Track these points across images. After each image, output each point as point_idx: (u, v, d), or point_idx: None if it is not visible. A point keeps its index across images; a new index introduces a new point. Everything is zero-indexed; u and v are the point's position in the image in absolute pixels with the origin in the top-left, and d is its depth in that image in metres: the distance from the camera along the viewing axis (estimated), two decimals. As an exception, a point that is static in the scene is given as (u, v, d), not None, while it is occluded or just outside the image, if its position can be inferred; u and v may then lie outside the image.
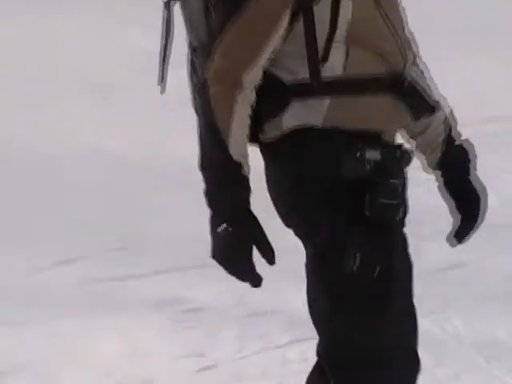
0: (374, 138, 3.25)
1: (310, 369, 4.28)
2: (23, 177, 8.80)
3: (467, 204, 3.33)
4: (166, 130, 10.24)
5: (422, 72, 3.38)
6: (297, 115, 3.23)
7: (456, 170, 3.37)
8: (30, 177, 8.82)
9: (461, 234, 3.27)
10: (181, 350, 5.36)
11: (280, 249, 3.86)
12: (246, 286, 4.97)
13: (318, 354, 3.24)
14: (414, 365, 3.26)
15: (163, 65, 3.51)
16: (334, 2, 3.15)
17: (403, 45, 3.31)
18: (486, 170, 3.62)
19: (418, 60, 3.39)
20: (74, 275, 6.45)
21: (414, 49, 3.37)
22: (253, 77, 3.14)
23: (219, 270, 4.67)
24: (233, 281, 4.53)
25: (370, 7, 3.22)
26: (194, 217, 5.80)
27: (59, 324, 5.70)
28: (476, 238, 3.29)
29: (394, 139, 3.37)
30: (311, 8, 3.16)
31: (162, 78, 3.50)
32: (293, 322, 5.70)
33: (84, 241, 7.11)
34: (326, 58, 3.22)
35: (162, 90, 3.50)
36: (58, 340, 5.54)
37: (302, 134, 3.26)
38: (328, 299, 3.19)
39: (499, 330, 5.88)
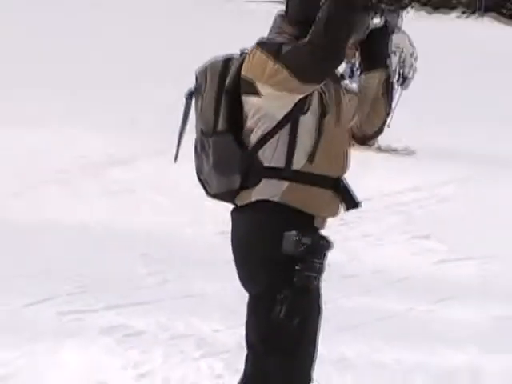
0: (309, 221, 4.15)
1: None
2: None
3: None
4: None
5: None
6: (263, 191, 4.08)
7: None
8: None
9: None
10: (123, 363, 6.03)
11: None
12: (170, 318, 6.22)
13: (246, 367, 4.25)
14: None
15: (179, 141, 4.40)
16: (320, 117, 4.08)
17: (347, 158, 4.29)
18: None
19: None
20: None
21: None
22: None
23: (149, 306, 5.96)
24: (160, 311, 5.82)
25: (334, 128, 4.15)
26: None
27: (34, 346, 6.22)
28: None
29: (323, 226, 4.26)
30: (297, 119, 4.06)
31: (177, 151, 4.39)
32: (205, 342, 6.36)
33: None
34: (312, 159, 4.11)
35: (176, 159, 4.43)
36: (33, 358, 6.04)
37: (262, 205, 4.11)
38: (257, 334, 4.17)
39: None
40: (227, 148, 4.13)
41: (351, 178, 4.38)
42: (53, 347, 6.33)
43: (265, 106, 4.05)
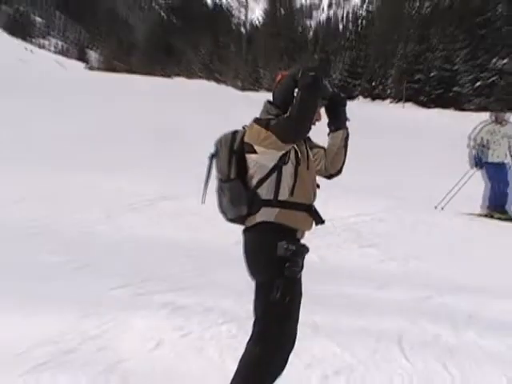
0: (293, 233, 4.29)
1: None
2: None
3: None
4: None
5: None
6: (262, 215, 4.23)
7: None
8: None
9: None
10: (173, 327, 6.08)
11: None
12: (204, 297, 6.15)
13: (254, 330, 4.27)
14: (293, 342, 4.30)
15: (205, 189, 4.48)
16: (295, 169, 4.22)
17: (315, 191, 4.39)
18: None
19: None
20: None
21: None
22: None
23: (190, 289, 5.82)
24: (197, 293, 5.74)
25: (305, 172, 4.29)
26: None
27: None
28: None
29: (302, 237, 4.38)
30: (281, 167, 4.21)
31: (203, 197, 4.45)
32: (226, 313, 6.41)
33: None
34: (292, 193, 4.23)
35: (203, 202, 4.46)
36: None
37: (262, 225, 4.25)
38: (266, 308, 4.20)
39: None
40: (237, 189, 4.29)
41: (320, 206, 4.47)
42: (128, 316, 6.34)
43: (260, 160, 4.23)
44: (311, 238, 4.45)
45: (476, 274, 8.72)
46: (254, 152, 4.23)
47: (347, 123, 4.52)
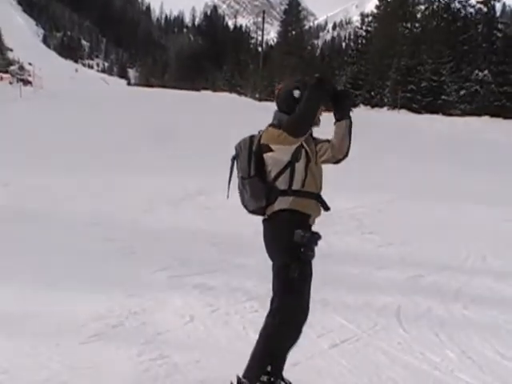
0: (306, 220, 4.26)
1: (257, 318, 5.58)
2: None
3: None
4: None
5: None
6: (280, 203, 4.19)
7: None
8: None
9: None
10: (203, 304, 6.13)
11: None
12: (229, 279, 6.16)
13: (272, 305, 4.25)
14: (306, 315, 4.26)
15: (228, 186, 4.46)
16: (306, 165, 4.20)
17: (321, 182, 4.35)
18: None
19: None
20: None
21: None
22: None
23: (217, 272, 5.86)
24: (224, 275, 5.75)
25: (314, 167, 4.27)
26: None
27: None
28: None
29: (313, 223, 4.34)
30: (294, 164, 4.19)
31: (227, 193, 4.50)
32: (249, 292, 6.47)
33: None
34: (303, 184, 4.20)
35: (227, 197, 4.51)
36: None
37: (280, 213, 4.21)
38: (283, 286, 4.17)
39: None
40: (256, 184, 4.27)
41: (328, 199, 4.43)
42: (166, 296, 6.39)
43: (276, 156, 4.21)
44: (320, 226, 4.44)
45: (459, 255, 8.75)
46: (271, 150, 4.20)
47: (351, 113, 4.43)
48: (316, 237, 4.18)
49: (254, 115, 25.60)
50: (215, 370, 4.69)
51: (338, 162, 4.51)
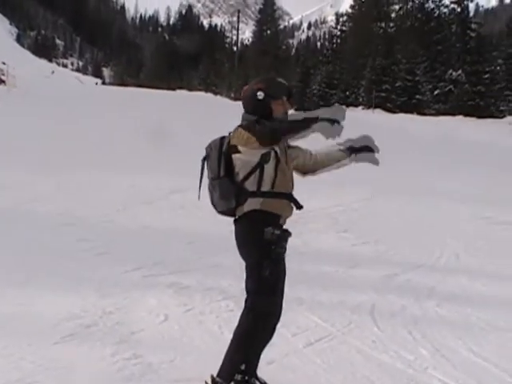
0: (277, 220, 4.23)
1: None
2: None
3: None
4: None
5: None
6: (249, 205, 4.17)
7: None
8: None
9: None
10: (178, 303, 6.16)
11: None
12: (204, 278, 6.12)
13: (246, 304, 4.25)
14: (279, 312, 4.28)
15: (200, 186, 4.41)
16: (276, 166, 4.20)
17: (293, 181, 4.33)
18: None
19: None
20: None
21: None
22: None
23: (192, 272, 5.85)
24: (198, 274, 5.74)
25: (284, 167, 4.25)
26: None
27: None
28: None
29: (284, 223, 4.32)
30: (263, 165, 4.17)
31: (199, 193, 4.42)
32: (224, 291, 6.47)
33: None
34: (273, 185, 4.18)
35: (199, 198, 4.43)
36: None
37: (251, 213, 4.19)
38: (256, 284, 4.17)
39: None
40: (226, 185, 4.25)
41: (304, 198, 4.45)
42: (140, 295, 6.38)
43: (244, 158, 4.20)
44: (295, 225, 4.45)
45: (433, 253, 8.78)
46: (239, 152, 4.20)
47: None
48: (286, 234, 4.20)
49: (228, 114, 25.56)
50: (190, 370, 4.67)
51: (303, 175, 4.59)
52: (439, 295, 6.85)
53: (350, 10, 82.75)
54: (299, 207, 4.38)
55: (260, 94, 4.25)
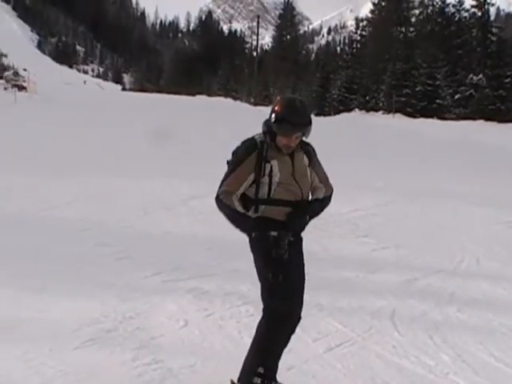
0: (278, 224, 4.18)
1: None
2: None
3: None
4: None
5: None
6: (252, 211, 4.25)
7: None
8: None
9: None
10: (198, 308, 6.18)
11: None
12: (223, 283, 6.14)
13: (263, 308, 4.24)
14: (295, 314, 4.26)
15: None
16: (270, 179, 4.18)
17: (303, 192, 4.27)
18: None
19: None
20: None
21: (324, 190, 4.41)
22: (238, 192, 4.19)
23: (212, 276, 5.88)
24: (218, 280, 5.77)
25: (289, 177, 4.22)
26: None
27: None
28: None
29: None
30: (259, 180, 4.18)
31: None
32: (244, 296, 6.46)
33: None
34: (269, 194, 4.18)
35: None
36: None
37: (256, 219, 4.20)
38: (265, 289, 4.20)
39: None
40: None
41: None
42: (160, 300, 6.39)
43: None
44: (315, 230, 4.43)
45: (454, 258, 8.71)
46: None
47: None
48: (284, 233, 4.14)
49: (249, 119, 25.61)
50: (210, 375, 4.68)
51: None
52: (460, 300, 6.81)
53: (369, 15, 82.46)
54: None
55: (273, 118, 4.19)
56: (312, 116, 4.43)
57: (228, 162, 4.34)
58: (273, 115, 4.17)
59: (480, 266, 8.42)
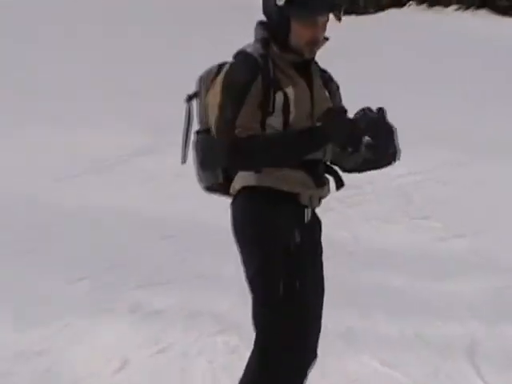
0: (293, 198, 4.03)
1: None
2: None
3: None
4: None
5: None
6: (241, 179, 4.07)
7: None
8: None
9: None
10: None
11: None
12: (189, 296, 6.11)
13: (255, 340, 4.00)
14: (307, 356, 4.09)
15: (185, 142, 4.27)
16: (285, 120, 3.97)
17: None
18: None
19: None
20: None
21: None
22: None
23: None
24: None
25: (305, 117, 4.03)
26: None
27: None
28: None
29: (312, 204, 4.15)
30: (265, 120, 3.94)
31: (184, 154, 4.27)
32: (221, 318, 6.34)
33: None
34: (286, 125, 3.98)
35: (183, 161, 4.28)
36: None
37: (244, 192, 4.07)
38: (260, 308, 3.97)
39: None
40: (208, 144, 4.23)
41: None
42: (84, 324, 6.38)
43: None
44: (340, 207, 4.29)
45: None
46: None
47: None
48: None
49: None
50: None
51: None
52: None
53: None
54: (339, 184, 4.30)
55: (281, 1, 3.96)
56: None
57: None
58: None
59: None
